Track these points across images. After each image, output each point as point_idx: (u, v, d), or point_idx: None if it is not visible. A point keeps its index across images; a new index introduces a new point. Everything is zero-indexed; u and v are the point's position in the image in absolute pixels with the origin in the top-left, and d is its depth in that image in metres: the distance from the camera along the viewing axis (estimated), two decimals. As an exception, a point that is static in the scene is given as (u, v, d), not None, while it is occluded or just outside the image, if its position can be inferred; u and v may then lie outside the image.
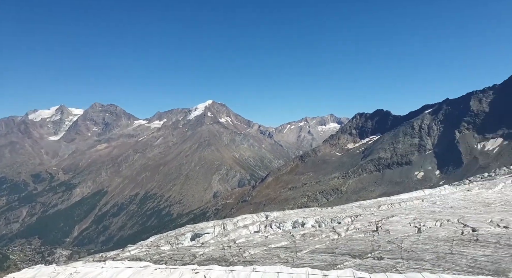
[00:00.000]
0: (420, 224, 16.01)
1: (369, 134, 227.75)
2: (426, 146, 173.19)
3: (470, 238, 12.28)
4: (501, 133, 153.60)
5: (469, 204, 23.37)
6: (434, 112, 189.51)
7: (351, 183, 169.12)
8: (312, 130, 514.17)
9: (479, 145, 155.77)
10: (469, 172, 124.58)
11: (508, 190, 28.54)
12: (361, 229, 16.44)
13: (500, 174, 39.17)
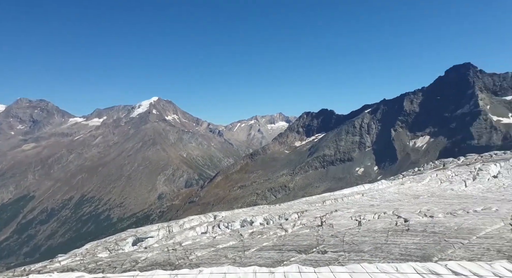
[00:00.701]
0: (360, 217, 17.12)
1: (315, 133, 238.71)
2: (366, 143, 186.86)
3: (403, 228, 13.47)
4: (429, 131, 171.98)
5: (402, 196, 25.69)
6: (373, 112, 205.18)
7: (298, 180, 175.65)
8: (262, 129, 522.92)
9: (411, 142, 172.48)
10: (403, 167, 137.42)
11: (433, 182, 31.96)
12: (307, 224, 17.11)
13: (428, 169, 43.73)
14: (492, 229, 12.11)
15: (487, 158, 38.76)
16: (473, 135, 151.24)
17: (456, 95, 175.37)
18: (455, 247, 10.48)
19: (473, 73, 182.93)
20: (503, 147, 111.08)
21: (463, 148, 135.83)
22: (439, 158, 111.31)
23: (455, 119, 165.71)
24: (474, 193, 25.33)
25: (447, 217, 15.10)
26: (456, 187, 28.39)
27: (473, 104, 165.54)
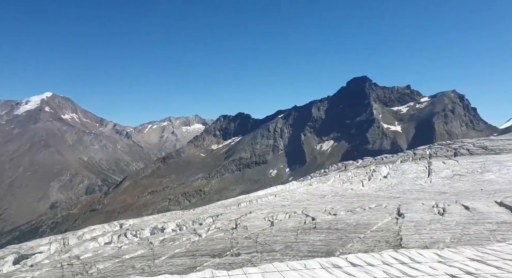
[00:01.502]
0: (273, 218, 17.90)
1: (232, 136, 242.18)
2: (279, 147, 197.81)
3: (310, 226, 14.55)
4: (333, 136, 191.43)
5: (310, 196, 27.83)
6: (285, 117, 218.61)
7: (214, 183, 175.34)
8: (177, 131, 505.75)
9: (318, 146, 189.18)
10: (311, 168, 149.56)
11: (337, 183, 35.52)
12: (221, 228, 17.11)
13: (332, 170, 48.46)
14: (382, 223, 13.99)
15: (379, 160, 44.94)
16: (369, 140, 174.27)
17: (355, 105, 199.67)
18: (354, 241, 11.77)
19: (369, 85, 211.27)
20: (391, 151, 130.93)
21: (360, 151, 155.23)
22: (341, 160, 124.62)
23: (354, 126, 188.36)
24: (369, 191, 29.02)
25: (347, 214, 16.88)
26: (355, 187, 32.07)
27: (369, 113, 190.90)
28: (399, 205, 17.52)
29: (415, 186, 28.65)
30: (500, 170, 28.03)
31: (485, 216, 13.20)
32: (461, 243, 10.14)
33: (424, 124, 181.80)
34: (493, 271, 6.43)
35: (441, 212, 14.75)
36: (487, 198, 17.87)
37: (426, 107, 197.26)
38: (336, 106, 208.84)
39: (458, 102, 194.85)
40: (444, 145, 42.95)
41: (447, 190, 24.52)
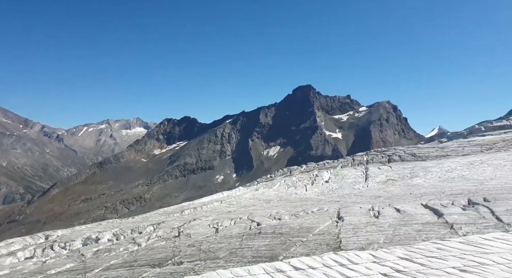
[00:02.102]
0: (218, 224, 17.72)
1: (176, 140, 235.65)
2: (226, 152, 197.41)
3: (256, 232, 14.69)
4: (279, 142, 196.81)
5: (256, 202, 28.15)
6: (233, 122, 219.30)
7: (156, 190, 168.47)
8: (115, 135, 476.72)
9: (265, 151, 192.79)
10: (258, 174, 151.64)
11: (282, 188, 36.46)
12: (163, 236, 16.46)
13: (278, 175, 49.66)
14: (323, 226, 14.65)
15: (321, 166, 47.18)
16: (312, 146, 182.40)
17: (300, 112, 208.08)
18: (296, 245, 12.14)
19: (313, 94, 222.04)
20: (332, 156, 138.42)
21: (305, 157, 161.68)
22: (287, 165, 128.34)
23: (299, 132, 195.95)
24: (312, 196, 30.26)
25: (291, 218, 17.38)
26: (299, 191, 33.21)
27: (313, 120, 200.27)
28: (339, 208, 18.52)
29: (354, 190, 30.56)
30: (426, 175, 31.17)
31: (413, 218, 14.53)
32: (393, 243, 11.03)
33: (362, 132, 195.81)
34: (418, 268, 7.09)
35: (376, 215, 15.89)
36: (415, 201, 19.72)
37: (364, 116, 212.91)
38: (282, 113, 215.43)
39: (392, 112, 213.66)
40: (379, 152, 46.58)
41: (381, 194, 26.55)
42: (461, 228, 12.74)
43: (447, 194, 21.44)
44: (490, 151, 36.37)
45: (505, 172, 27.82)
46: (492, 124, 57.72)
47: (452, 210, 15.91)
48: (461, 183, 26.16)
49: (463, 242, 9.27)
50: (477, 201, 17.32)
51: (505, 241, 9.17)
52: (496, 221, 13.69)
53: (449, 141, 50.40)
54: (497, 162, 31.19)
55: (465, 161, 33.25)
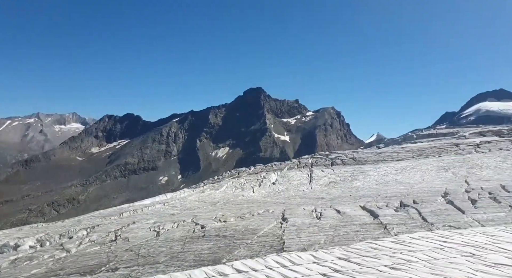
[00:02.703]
0: (160, 228, 17.09)
1: (117, 138, 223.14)
2: (172, 152, 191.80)
3: (199, 235, 14.44)
4: (228, 143, 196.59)
5: (201, 204, 27.69)
6: (181, 121, 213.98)
7: (92, 191, 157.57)
8: (47, 130, 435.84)
9: (213, 152, 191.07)
10: (205, 175, 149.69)
11: (229, 189, 36.38)
12: (97, 241, 15.41)
13: (226, 177, 49.49)
14: (268, 228, 14.89)
15: (269, 167, 48.02)
16: (261, 148, 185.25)
17: (250, 114, 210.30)
18: (241, 247, 12.16)
19: (263, 96, 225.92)
20: (280, 158, 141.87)
21: (253, 158, 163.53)
22: (235, 167, 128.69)
23: (249, 134, 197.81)
24: (259, 198, 30.64)
25: (237, 221, 17.39)
26: (246, 193, 33.41)
27: (262, 122, 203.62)
28: (284, 210, 18.99)
29: (299, 192, 31.60)
30: (365, 178, 33.37)
31: (352, 219, 15.43)
32: (332, 244, 11.59)
33: (308, 135, 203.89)
34: (354, 268, 7.52)
35: (318, 216, 16.58)
36: (354, 202, 20.97)
37: (310, 120, 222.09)
38: (233, 114, 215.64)
39: (336, 118, 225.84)
40: (323, 155, 48.84)
41: (324, 195, 27.81)
42: (393, 228, 13.84)
43: (383, 196, 23.15)
44: (420, 156, 40.12)
45: (431, 177, 30.87)
46: (422, 132, 63.98)
47: (387, 211, 17.23)
48: (395, 186, 28.45)
49: (394, 241, 10.06)
50: (407, 203, 18.97)
51: (429, 240, 10.14)
52: (423, 221, 15.12)
53: (386, 146, 54.70)
54: (425, 167, 34.49)
55: (399, 166, 36.27)
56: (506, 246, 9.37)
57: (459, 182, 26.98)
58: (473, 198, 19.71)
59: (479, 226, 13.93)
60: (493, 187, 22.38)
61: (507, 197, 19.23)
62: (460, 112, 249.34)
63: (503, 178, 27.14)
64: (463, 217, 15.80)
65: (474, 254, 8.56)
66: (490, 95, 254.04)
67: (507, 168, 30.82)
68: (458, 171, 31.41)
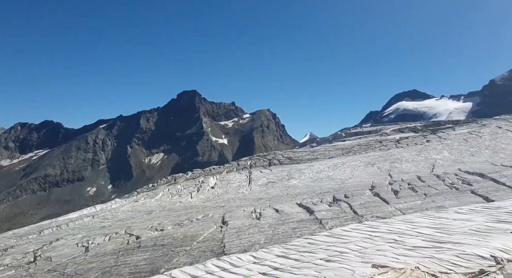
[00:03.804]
0: (89, 242, 15.84)
1: (34, 149, 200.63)
2: (100, 161, 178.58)
3: (134, 246, 13.70)
4: (163, 149, 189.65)
5: (136, 214, 26.29)
6: (109, 128, 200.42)
7: (3, 209, 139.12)
8: None
9: (146, 159, 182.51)
10: (138, 183, 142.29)
11: (165, 197, 35.13)
12: (12, 264, 13.68)
13: (161, 184, 47.67)
14: (208, 233, 14.74)
15: (208, 172, 47.47)
16: (199, 152, 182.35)
17: (186, 117, 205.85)
18: (180, 255, 11.84)
19: (199, 99, 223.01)
20: (219, 162, 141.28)
21: (191, 163, 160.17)
22: (171, 173, 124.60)
23: (185, 138, 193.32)
24: (197, 203, 30.11)
25: (175, 228, 16.88)
26: (184, 199, 32.58)
27: (199, 126, 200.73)
28: (224, 213, 18.98)
29: (238, 194, 31.85)
30: (300, 177, 34.97)
31: (289, 217, 16.05)
32: (272, 243, 11.92)
33: (246, 137, 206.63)
34: (292, 264, 7.83)
35: (258, 217, 16.90)
36: (291, 200, 21.84)
37: (248, 123, 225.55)
38: (166, 118, 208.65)
39: (271, 120, 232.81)
40: (261, 156, 49.97)
41: (263, 196, 28.45)
42: (327, 223, 14.73)
43: (317, 192, 24.51)
44: (349, 154, 43.36)
45: (359, 172, 33.57)
46: (350, 131, 69.27)
47: (321, 207, 18.27)
48: (328, 182, 30.32)
49: (329, 235, 10.72)
50: (340, 198, 20.37)
51: (359, 231, 11.02)
52: (353, 214, 16.37)
53: (318, 145, 58.02)
54: (354, 163, 37.38)
55: (331, 163, 38.75)
56: (422, 230, 10.61)
57: (384, 176, 29.81)
58: (395, 189, 21.94)
59: (400, 214, 15.55)
60: (411, 178, 25.19)
61: (422, 187, 21.80)
62: (382, 111, 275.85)
63: (419, 169, 30.71)
64: (388, 207, 17.49)
65: (397, 240, 9.54)
66: (406, 95, 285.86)
67: (422, 160, 34.94)
68: (382, 165, 34.70)
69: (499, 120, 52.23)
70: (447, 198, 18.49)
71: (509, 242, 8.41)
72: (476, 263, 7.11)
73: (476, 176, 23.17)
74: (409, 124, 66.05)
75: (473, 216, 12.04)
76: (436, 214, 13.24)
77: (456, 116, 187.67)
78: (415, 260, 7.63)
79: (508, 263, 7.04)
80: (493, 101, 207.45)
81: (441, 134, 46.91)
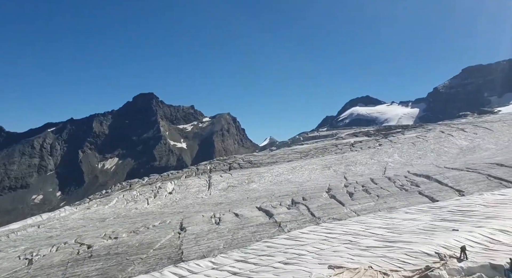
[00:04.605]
0: (33, 254, 14.66)
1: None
2: (48, 166, 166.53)
3: (85, 256, 12.90)
4: (117, 153, 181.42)
5: (87, 222, 24.82)
6: (58, 131, 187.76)
7: None
8: None
9: (99, 164, 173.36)
10: (91, 190, 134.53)
11: (120, 203, 33.58)
12: None
13: (116, 190, 45.49)
14: (165, 240, 14.29)
15: (165, 177, 46.14)
16: (156, 157, 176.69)
17: (142, 121, 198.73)
18: (135, 264, 11.34)
19: (156, 102, 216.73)
20: (177, 167, 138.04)
21: (147, 168, 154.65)
22: (126, 179, 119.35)
23: (141, 142, 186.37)
24: (154, 209, 29.13)
25: (130, 236, 16.16)
26: (140, 206, 31.35)
27: (156, 130, 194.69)
28: (182, 219, 18.54)
29: (197, 199, 31.31)
30: (260, 180, 35.22)
31: (249, 221, 16.07)
32: (231, 247, 11.83)
33: (206, 141, 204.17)
34: (251, 268, 7.83)
35: (217, 222, 16.71)
36: (251, 204, 21.89)
37: (208, 126, 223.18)
38: (121, 121, 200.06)
39: (232, 123, 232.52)
40: (221, 160, 49.63)
41: (223, 200, 28.22)
42: (286, 225, 14.95)
43: (277, 196, 24.82)
44: (306, 157, 44.50)
45: (317, 175, 34.55)
46: (308, 135, 71.20)
47: (280, 210, 18.52)
48: (287, 185, 30.84)
49: (287, 238, 10.88)
50: (298, 200, 20.79)
51: (316, 233, 11.31)
52: (311, 216, 16.78)
53: (278, 149, 58.90)
54: (311, 166, 38.42)
55: (290, 166, 39.50)
56: (375, 230, 11.14)
57: (339, 178, 30.95)
58: (350, 191, 22.86)
59: (355, 216, 16.21)
60: (365, 181, 26.41)
61: (375, 188, 22.94)
62: (338, 116, 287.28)
63: (372, 172, 32.31)
64: (343, 209, 18.16)
65: (352, 241, 9.92)
66: (360, 101, 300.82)
67: (374, 163, 36.79)
68: (338, 168, 36.03)
69: (442, 125, 56.71)
70: (398, 199, 19.64)
71: (451, 239, 9.10)
72: (422, 260, 7.60)
73: (423, 178, 24.88)
74: (363, 129, 69.44)
75: (420, 216, 12.89)
76: (387, 215, 14.00)
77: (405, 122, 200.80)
78: (368, 260, 7.98)
79: (450, 259, 7.62)
80: (436, 107, 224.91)
81: (392, 138, 49.85)
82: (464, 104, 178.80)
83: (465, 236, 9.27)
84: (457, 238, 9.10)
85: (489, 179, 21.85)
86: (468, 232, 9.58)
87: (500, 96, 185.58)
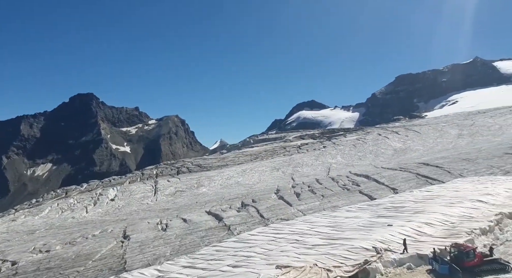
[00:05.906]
0: None
1: None
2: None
3: (8, 274, 11.69)
4: (51, 158, 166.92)
5: (12, 235, 22.51)
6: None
7: None
8: None
9: (29, 170, 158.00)
10: (17, 199, 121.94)
11: (54, 213, 30.96)
12: None
13: (48, 199, 41.80)
14: (106, 250, 13.49)
15: (107, 183, 43.53)
16: (96, 162, 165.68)
17: (80, 123, 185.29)
18: (71, 278, 10.52)
19: (96, 103, 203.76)
20: (120, 172, 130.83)
21: (86, 174, 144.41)
22: (62, 186, 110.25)
23: (79, 146, 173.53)
24: (94, 217, 27.33)
25: (65, 248, 14.99)
26: (77, 214, 29.20)
27: (96, 133, 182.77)
28: (126, 227, 17.69)
29: (142, 205, 30.05)
30: (210, 184, 34.90)
31: (198, 225, 15.83)
32: (179, 254, 11.55)
33: (152, 145, 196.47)
34: (199, 273, 7.72)
35: (164, 228, 16.21)
36: (200, 209, 21.60)
37: (154, 129, 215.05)
38: (56, 123, 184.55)
39: (180, 126, 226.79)
40: (169, 164, 48.20)
41: (170, 206, 27.43)
42: (236, 228, 14.98)
43: (227, 199, 24.78)
44: (256, 159, 45.09)
45: (266, 176, 35.18)
46: (257, 137, 72.21)
47: (230, 213, 18.51)
48: (237, 188, 30.95)
49: (236, 241, 10.91)
50: (248, 203, 20.97)
51: (265, 234, 11.50)
52: (260, 218, 17.02)
53: (228, 152, 58.85)
54: (261, 168, 39.01)
55: (240, 169, 39.68)
56: (320, 229, 11.65)
57: (287, 179, 31.83)
58: (297, 192, 23.64)
59: (302, 215, 16.79)
60: (311, 181, 27.49)
61: (320, 188, 23.99)
62: (286, 119, 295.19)
63: (317, 173, 33.74)
64: (291, 209, 18.71)
65: (298, 240, 10.26)
66: (306, 105, 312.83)
67: (319, 165, 38.45)
68: (286, 170, 37.04)
69: (379, 129, 61.22)
70: (340, 198, 20.76)
71: (387, 234, 9.88)
72: (362, 255, 8.15)
73: (363, 177, 26.62)
74: (309, 132, 72.26)
75: (360, 213, 13.77)
76: (331, 213, 14.72)
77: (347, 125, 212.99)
78: (313, 258, 8.32)
79: (385, 252, 8.28)
80: (374, 112, 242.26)
81: (335, 140, 52.58)
82: (398, 109, 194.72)
83: (398, 230, 10.13)
84: (391, 233, 9.91)
85: (418, 177, 24.09)
86: (400, 226, 10.48)
87: (427, 102, 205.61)
